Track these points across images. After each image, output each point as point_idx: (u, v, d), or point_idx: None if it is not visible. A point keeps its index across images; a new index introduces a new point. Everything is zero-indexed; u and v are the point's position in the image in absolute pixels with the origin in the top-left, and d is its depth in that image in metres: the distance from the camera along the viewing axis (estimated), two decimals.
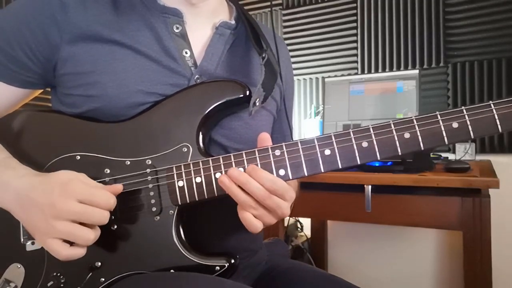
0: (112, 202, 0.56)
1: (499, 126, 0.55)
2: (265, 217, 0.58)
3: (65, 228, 0.53)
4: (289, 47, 2.19)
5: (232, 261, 0.61)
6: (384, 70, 2.03)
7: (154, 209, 0.61)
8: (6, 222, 0.61)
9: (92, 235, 0.54)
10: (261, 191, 0.56)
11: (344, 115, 1.66)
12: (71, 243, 0.54)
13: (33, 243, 0.62)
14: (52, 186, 0.54)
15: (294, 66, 2.21)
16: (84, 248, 0.55)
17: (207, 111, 0.64)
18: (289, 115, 0.82)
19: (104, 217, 0.55)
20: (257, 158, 0.59)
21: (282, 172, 0.59)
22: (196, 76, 0.67)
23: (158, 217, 0.61)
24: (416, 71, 1.58)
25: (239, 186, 0.56)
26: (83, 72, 0.63)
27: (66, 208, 0.53)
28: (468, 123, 0.55)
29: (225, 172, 0.59)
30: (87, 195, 0.54)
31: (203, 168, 0.60)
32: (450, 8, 1.88)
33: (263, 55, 0.69)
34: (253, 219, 0.58)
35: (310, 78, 2.22)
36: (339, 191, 1.40)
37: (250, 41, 0.73)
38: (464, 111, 0.56)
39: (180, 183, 0.60)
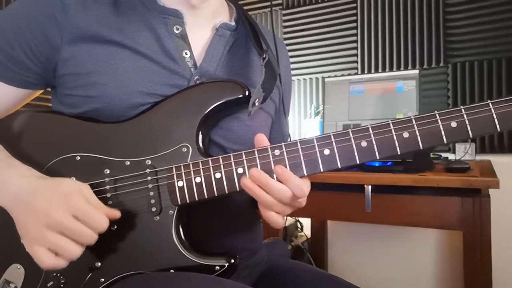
0: (104, 226, 0.56)
1: (497, 125, 0.55)
2: (286, 212, 0.60)
3: (55, 240, 0.53)
4: (289, 47, 2.20)
5: (232, 261, 0.61)
6: (384, 70, 2.03)
7: (154, 209, 0.61)
8: (6, 222, 0.61)
9: (78, 252, 0.55)
10: (286, 193, 0.56)
11: (344, 115, 1.66)
12: (56, 254, 0.54)
13: None
14: (53, 195, 0.55)
15: (294, 66, 2.21)
16: (67, 261, 0.55)
17: (206, 111, 0.64)
18: (287, 116, 0.83)
19: (92, 239, 0.55)
20: (257, 158, 0.59)
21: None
22: (196, 77, 0.67)
23: (158, 217, 0.61)
24: (416, 71, 1.58)
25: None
26: (83, 72, 0.64)
27: (60, 221, 0.53)
28: (467, 122, 0.55)
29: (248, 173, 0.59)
30: (83, 213, 0.54)
31: (202, 168, 0.60)
32: (450, 8, 1.88)
33: (264, 56, 0.69)
34: (276, 217, 0.59)
35: (310, 78, 2.23)
36: (339, 191, 1.40)
37: (251, 42, 0.73)
38: (463, 110, 0.56)
39: (180, 183, 0.61)
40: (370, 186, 1.30)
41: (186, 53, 0.68)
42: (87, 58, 0.63)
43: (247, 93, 0.64)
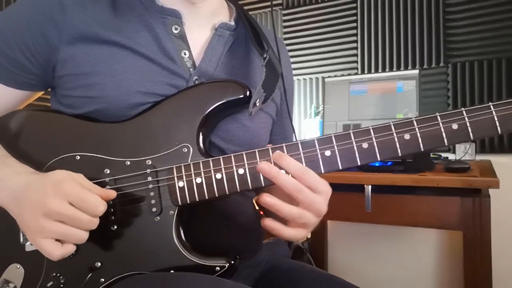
0: (101, 209, 0.55)
1: (498, 128, 0.55)
2: (308, 219, 0.59)
3: (56, 228, 0.53)
4: (289, 47, 2.19)
5: (232, 261, 0.61)
6: (384, 70, 2.03)
7: (154, 209, 0.61)
8: (6, 222, 0.61)
9: (83, 235, 0.54)
10: (291, 183, 0.56)
11: (344, 115, 1.66)
12: (61, 242, 0.54)
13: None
14: (46, 185, 0.54)
15: (294, 66, 2.21)
16: (74, 245, 0.55)
17: (207, 112, 0.63)
18: (290, 117, 0.82)
19: (92, 223, 0.54)
20: (258, 159, 0.59)
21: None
22: (195, 77, 0.67)
23: (158, 218, 0.61)
24: (416, 71, 1.58)
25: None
26: (82, 73, 0.63)
27: (56, 209, 0.52)
28: (468, 124, 0.55)
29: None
30: (78, 198, 0.53)
31: (203, 168, 0.60)
32: (450, 8, 1.88)
33: (265, 56, 0.69)
34: (295, 232, 0.61)
35: (310, 78, 2.22)
36: (339, 191, 1.39)
37: (251, 41, 0.72)
38: (464, 112, 0.56)
39: (181, 184, 0.60)
40: (370, 186, 1.30)
41: (184, 53, 0.68)
42: (86, 58, 0.63)
43: (248, 93, 0.64)
